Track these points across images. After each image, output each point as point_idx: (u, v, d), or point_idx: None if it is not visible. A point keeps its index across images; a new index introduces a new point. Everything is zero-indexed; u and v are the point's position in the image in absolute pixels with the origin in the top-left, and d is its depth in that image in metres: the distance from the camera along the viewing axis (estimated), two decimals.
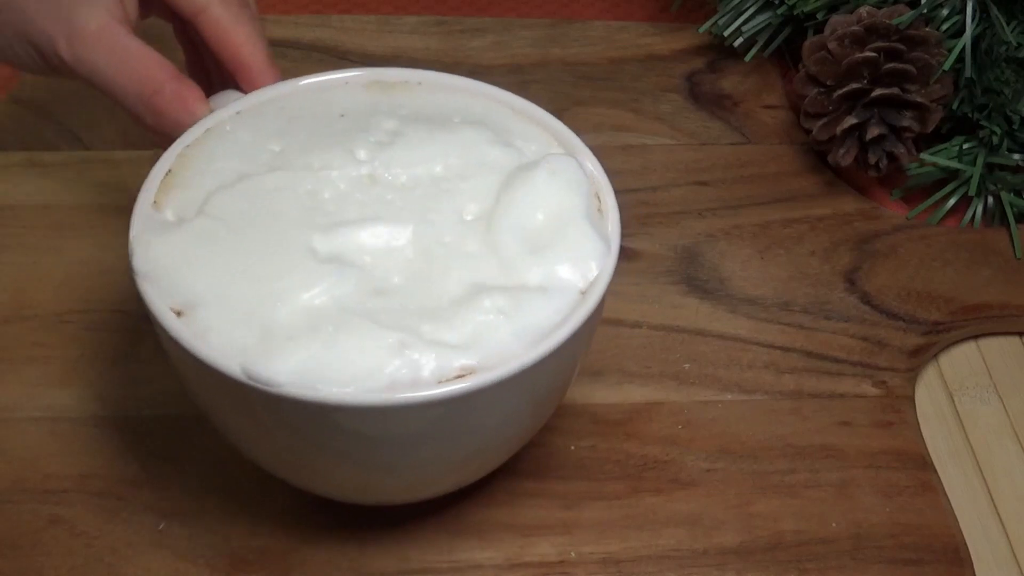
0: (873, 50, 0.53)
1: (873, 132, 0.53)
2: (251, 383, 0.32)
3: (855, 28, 0.54)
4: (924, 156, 0.55)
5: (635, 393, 0.46)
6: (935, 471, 0.44)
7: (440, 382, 0.32)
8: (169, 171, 0.38)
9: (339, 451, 0.35)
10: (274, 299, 0.34)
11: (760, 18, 0.61)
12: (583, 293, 0.35)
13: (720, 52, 0.63)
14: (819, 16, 0.58)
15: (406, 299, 0.35)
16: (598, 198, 0.38)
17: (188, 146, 0.39)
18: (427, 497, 0.40)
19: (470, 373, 0.33)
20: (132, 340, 0.46)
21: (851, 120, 0.54)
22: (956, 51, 0.53)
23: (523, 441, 0.40)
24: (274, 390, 0.32)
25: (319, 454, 0.35)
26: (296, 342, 0.33)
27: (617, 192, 0.38)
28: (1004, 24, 0.54)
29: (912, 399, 0.47)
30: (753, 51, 0.61)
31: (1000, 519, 0.44)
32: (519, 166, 0.38)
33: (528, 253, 0.36)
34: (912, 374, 0.48)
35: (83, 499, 0.41)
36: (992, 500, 0.45)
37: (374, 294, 0.35)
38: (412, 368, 0.33)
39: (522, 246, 0.36)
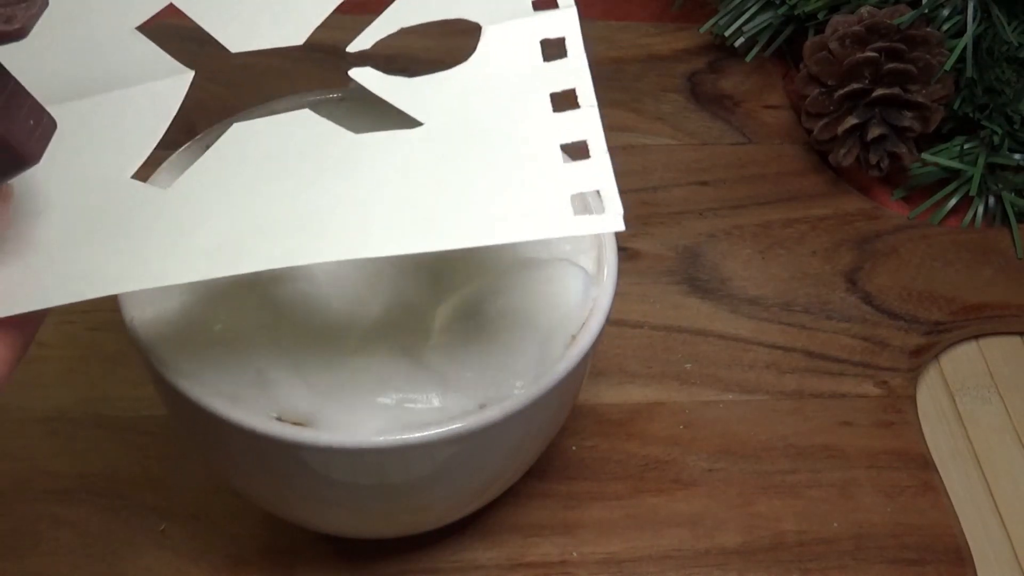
0: (874, 50, 0.53)
1: (874, 132, 0.53)
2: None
3: (856, 28, 0.54)
4: (925, 156, 0.55)
5: (636, 393, 0.46)
6: (937, 471, 0.44)
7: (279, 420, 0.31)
8: None
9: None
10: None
11: (761, 18, 0.61)
12: (481, 406, 0.32)
13: (721, 52, 0.63)
14: (820, 16, 0.58)
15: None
16: (582, 325, 0.34)
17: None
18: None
19: (305, 424, 0.31)
20: None
21: (852, 120, 0.54)
22: (957, 51, 0.53)
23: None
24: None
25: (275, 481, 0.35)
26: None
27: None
28: (1005, 24, 0.54)
29: (913, 399, 0.47)
30: (754, 51, 0.61)
31: (1001, 519, 0.44)
32: (523, 260, 0.36)
33: (453, 338, 0.33)
34: (913, 374, 0.48)
35: (84, 499, 0.41)
36: (993, 500, 0.45)
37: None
38: (256, 389, 0.32)
39: (458, 328, 0.34)
